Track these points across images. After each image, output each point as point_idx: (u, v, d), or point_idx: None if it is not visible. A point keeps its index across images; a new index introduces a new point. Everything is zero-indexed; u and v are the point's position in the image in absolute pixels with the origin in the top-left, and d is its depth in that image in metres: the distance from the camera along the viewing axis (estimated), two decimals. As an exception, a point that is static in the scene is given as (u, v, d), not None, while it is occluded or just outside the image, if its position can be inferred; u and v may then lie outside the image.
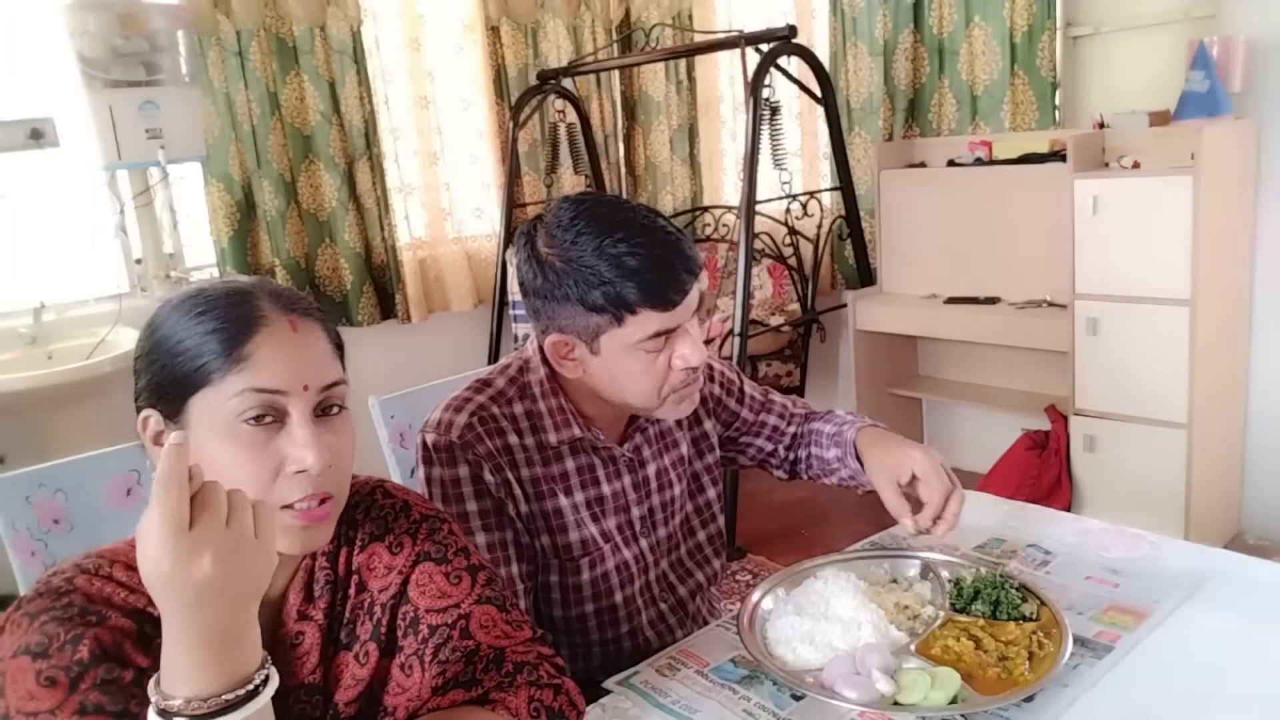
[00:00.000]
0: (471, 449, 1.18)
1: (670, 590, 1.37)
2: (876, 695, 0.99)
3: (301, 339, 0.83)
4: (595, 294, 1.10)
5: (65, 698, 0.73)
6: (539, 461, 1.23)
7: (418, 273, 3.61)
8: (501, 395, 1.23)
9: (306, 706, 0.88)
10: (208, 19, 2.99)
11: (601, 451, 1.27)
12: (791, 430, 1.45)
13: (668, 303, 1.12)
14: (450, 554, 0.96)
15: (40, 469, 1.16)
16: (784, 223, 3.43)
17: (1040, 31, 2.99)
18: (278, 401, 0.81)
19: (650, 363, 1.15)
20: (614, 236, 1.10)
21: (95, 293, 2.96)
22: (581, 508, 1.25)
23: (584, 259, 1.10)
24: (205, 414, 0.81)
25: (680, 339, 1.15)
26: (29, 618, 0.76)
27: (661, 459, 1.34)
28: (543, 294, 1.14)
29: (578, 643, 1.29)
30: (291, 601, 0.88)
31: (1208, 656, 1.07)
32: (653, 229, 1.12)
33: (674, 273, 1.11)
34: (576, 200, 1.16)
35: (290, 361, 0.81)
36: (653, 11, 3.97)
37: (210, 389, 0.80)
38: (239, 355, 0.80)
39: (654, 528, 1.33)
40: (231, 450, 0.80)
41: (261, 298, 0.84)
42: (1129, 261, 2.60)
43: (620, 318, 1.11)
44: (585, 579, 1.26)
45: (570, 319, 1.14)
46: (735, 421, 1.44)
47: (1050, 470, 2.93)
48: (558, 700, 0.91)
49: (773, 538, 3.16)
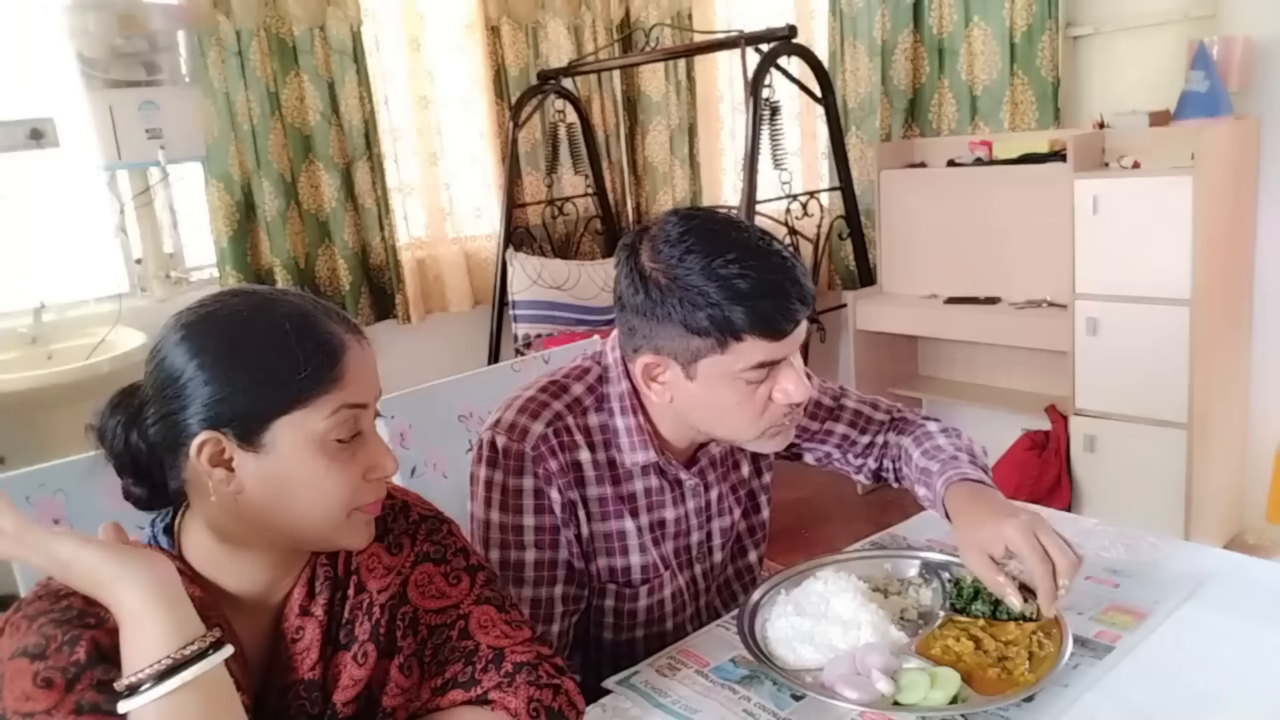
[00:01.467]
0: (543, 463, 1.14)
1: (716, 616, 1.33)
2: (876, 695, 0.99)
3: (370, 356, 0.88)
4: (700, 316, 1.03)
5: (61, 698, 0.73)
6: (609, 480, 1.18)
7: (417, 273, 3.61)
8: (578, 404, 1.18)
9: (305, 703, 0.89)
10: (208, 19, 2.99)
11: (670, 476, 1.22)
12: (866, 440, 1.37)
13: (777, 331, 1.05)
14: (449, 554, 0.96)
15: (40, 469, 1.16)
16: (784, 223, 3.42)
17: (1040, 31, 2.99)
18: (361, 416, 0.85)
19: (750, 394, 1.08)
20: (725, 257, 1.03)
21: (95, 293, 2.96)
22: (645, 531, 1.21)
23: (691, 278, 1.03)
24: (295, 433, 0.81)
25: (784, 371, 1.09)
26: (28, 620, 0.77)
27: (724, 483, 1.30)
28: (642, 311, 1.07)
29: (623, 666, 1.23)
30: (294, 597, 0.89)
31: (1208, 656, 1.07)
32: (767, 252, 1.05)
33: (786, 300, 1.04)
34: (687, 215, 1.09)
35: (369, 377, 0.86)
36: (653, 11, 3.97)
37: (304, 410, 0.81)
38: (337, 375, 0.83)
39: (710, 553, 1.30)
40: (324, 464, 0.82)
41: (333, 321, 0.85)
42: (1129, 261, 2.60)
43: (724, 343, 1.04)
44: (641, 605, 1.23)
45: (669, 340, 1.07)
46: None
47: (1050, 470, 2.93)
48: (557, 700, 0.91)
49: (773, 538, 3.14)
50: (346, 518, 0.85)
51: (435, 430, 1.55)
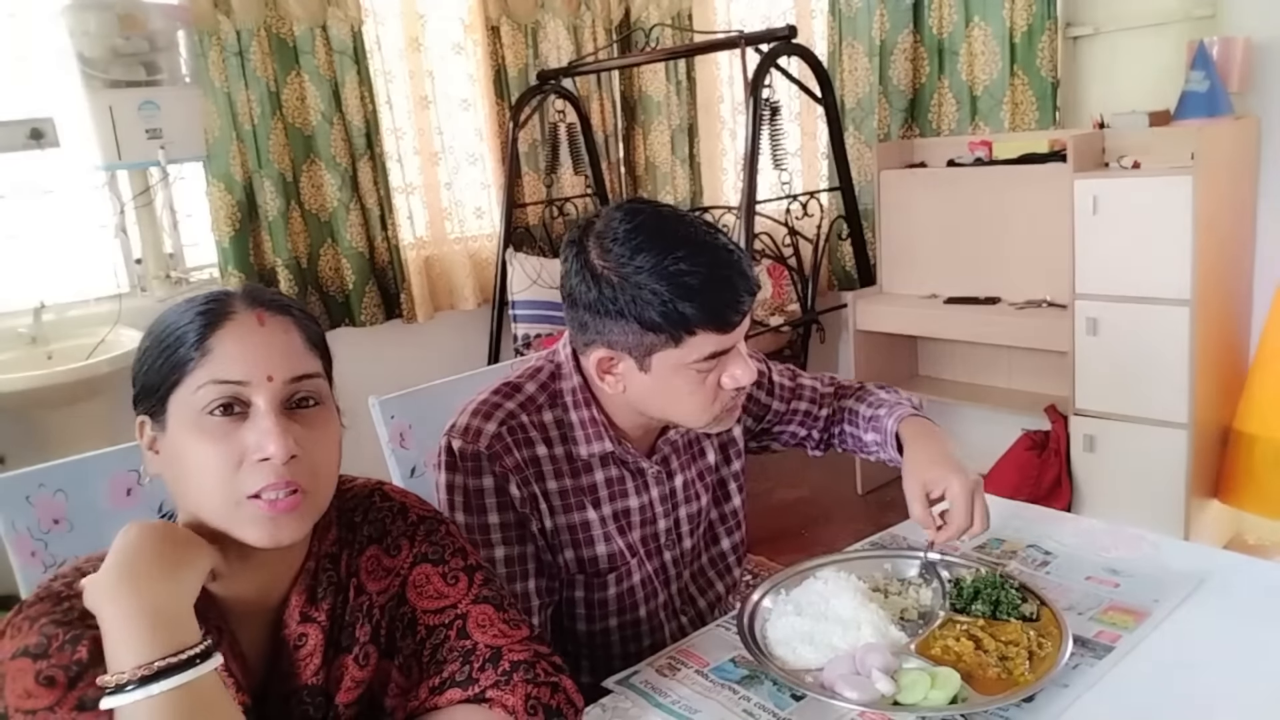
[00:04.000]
0: (499, 460, 1.15)
1: (691, 603, 1.35)
2: (876, 695, 0.99)
3: (268, 332, 0.84)
4: (653, 313, 1.06)
5: (63, 695, 0.73)
6: (567, 473, 1.20)
7: (422, 272, 3.61)
8: (531, 402, 1.20)
9: (309, 709, 0.88)
10: (208, 19, 2.99)
11: (630, 465, 1.24)
12: (825, 413, 1.43)
13: (727, 324, 1.09)
14: (447, 555, 0.96)
15: (40, 469, 1.16)
16: (784, 223, 3.42)
17: (1040, 31, 2.99)
18: (241, 393, 0.81)
19: (700, 382, 1.12)
20: (675, 254, 1.05)
21: (95, 293, 2.96)
22: (609, 521, 1.23)
23: (642, 277, 1.06)
24: (179, 411, 0.82)
25: (733, 359, 1.12)
26: (29, 621, 0.77)
27: (689, 470, 1.31)
28: (594, 308, 1.10)
29: (599, 657, 1.27)
30: (294, 604, 0.88)
31: (1208, 656, 1.07)
32: (714, 247, 1.08)
33: (735, 294, 1.08)
34: (631, 210, 1.10)
35: (252, 352, 0.82)
36: (653, 11, 3.97)
37: (182, 386, 0.82)
38: (205, 348, 0.81)
39: (679, 540, 1.31)
40: (198, 442, 0.81)
41: (237, 297, 0.86)
42: (1129, 261, 2.60)
43: (678, 338, 1.08)
44: (611, 594, 1.24)
45: (622, 335, 1.10)
46: (767, 414, 1.42)
47: (1050, 470, 2.93)
48: (555, 698, 0.91)
49: (773, 538, 3.16)
50: (236, 506, 0.81)
51: (434, 430, 1.53)
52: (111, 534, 0.87)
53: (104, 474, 1.20)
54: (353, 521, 0.95)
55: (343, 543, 0.93)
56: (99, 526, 1.17)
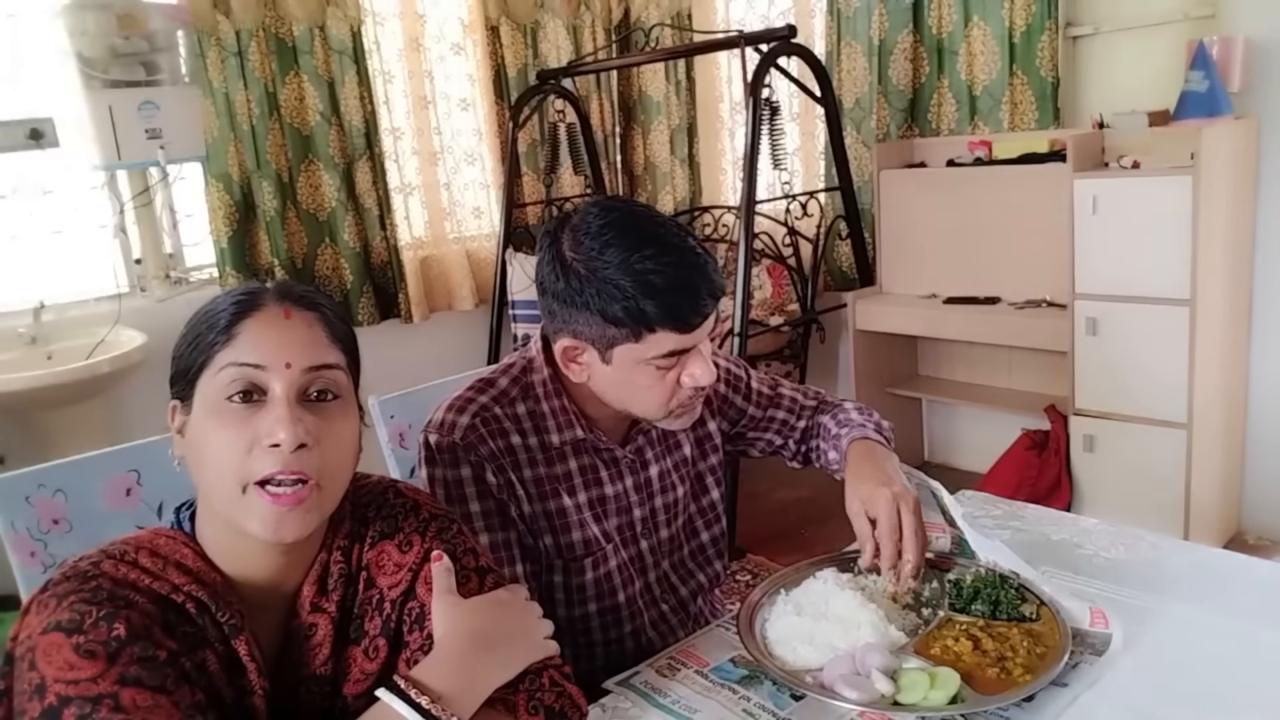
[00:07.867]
0: (474, 450, 1.18)
1: (672, 591, 1.37)
2: (876, 695, 0.99)
3: (293, 324, 0.86)
4: (616, 308, 1.09)
5: (106, 668, 0.74)
6: (542, 462, 1.23)
7: (419, 272, 3.61)
8: (504, 395, 1.24)
9: (317, 697, 0.90)
10: (207, 19, 2.99)
11: (604, 453, 1.27)
12: (802, 425, 1.44)
13: (687, 325, 1.12)
14: (459, 553, 0.96)
15: (40, 469, 1.16)
16: (783, 223, 3.42)
17: (1039, 31, 2.99)
18: (259, 378, 0.83)
19: (659, 378, 1.15)
20: (642, 252, 1.09)
21: (95, 293, 2.96)
22: (584, 508, 1.25)
23: (609, 271, 1.09)
24: (203, 394, 0.84)
25: (693, 359, 1.15)
26: (56, 599, 0.78)
27: (664, 460, 1.34)
28: (562, 298, 1.13)
29: (580, 643, 1.29)
30: (305, 594, 0.89)
31: (1208, 656, 1.07)
32: (682, 249, 1.11)
33: (698, 296, 1.11)
34: (607, 207, 1.14)
35: (274, 339, 0.84)
36: (652, 11, 3.97)
37: (208, 369, 0.84)
38: (231, 334, 0.83)
39: (655, 529, 1.33)
40: (215, 426, 0.82)
41: (268, 291, 0.88)
42: (1128, 261, 2.60)
43: (638, 334, 1.11)
44: (589, 579, 1.26)
45: (586, 326, 1.13)
46: (742, 419, 1.43)
47: (1050, 470, 2.93)
48: (560, 701, 0.91)
49: (773, 538, 3.16)
50: (242, 493, 0.81)
51: (435, 430, 1.54)
52: (111, 534, 0.87)
53: (103, 474, 1.20)
54: (365, 517, 0.95)
55: (355, 536, 0.94)
56: (98, 527, 1.17)
